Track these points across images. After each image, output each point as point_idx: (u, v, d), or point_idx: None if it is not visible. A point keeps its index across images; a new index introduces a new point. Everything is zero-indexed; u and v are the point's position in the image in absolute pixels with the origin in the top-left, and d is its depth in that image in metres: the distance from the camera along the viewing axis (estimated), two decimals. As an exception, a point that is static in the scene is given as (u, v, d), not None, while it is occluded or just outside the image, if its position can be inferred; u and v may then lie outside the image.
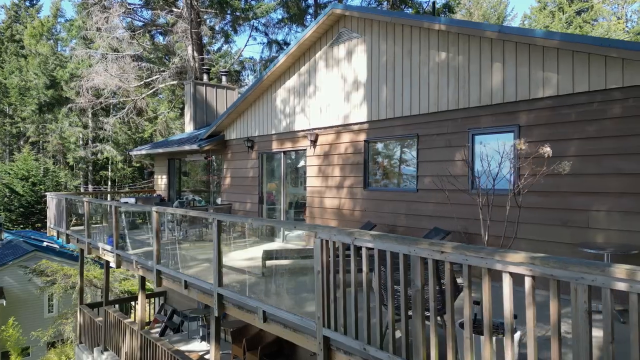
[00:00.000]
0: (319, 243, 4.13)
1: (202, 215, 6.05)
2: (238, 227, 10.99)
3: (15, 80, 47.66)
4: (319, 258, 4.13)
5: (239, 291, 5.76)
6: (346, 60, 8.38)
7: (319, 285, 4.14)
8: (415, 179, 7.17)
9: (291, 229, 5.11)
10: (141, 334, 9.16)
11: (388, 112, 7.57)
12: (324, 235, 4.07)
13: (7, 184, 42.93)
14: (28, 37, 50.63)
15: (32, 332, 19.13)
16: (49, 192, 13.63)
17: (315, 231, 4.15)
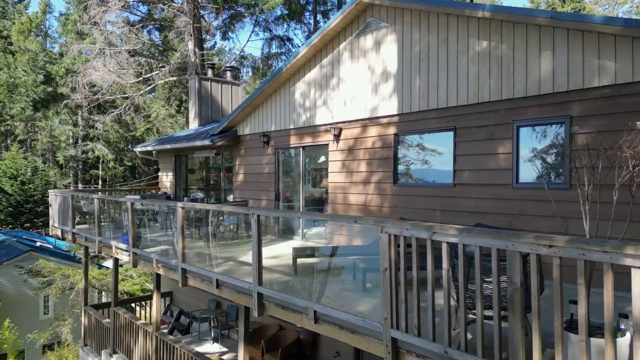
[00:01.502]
0: (385, 238, 3.83)
1: (240, 210, 5.72)
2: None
3: (4, 77, 46.57)
4: (386, 254, 3.83)
5: (281, 290, 5.43)
6: (374, 51, 8.09)
7: (386, 284, 3.84)
8: (452, 173, 6.90)
9: (351, 223, 4.77)
10: (156, 335, 8.78)
11: (421, 104, 7.29)
12: (393, 230, 3.76)
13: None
14: (16, 33, 49.49)
15: (29, 334, 18.52)
16: (51, 190, 13.15)
17: (382, 226, 3.85)
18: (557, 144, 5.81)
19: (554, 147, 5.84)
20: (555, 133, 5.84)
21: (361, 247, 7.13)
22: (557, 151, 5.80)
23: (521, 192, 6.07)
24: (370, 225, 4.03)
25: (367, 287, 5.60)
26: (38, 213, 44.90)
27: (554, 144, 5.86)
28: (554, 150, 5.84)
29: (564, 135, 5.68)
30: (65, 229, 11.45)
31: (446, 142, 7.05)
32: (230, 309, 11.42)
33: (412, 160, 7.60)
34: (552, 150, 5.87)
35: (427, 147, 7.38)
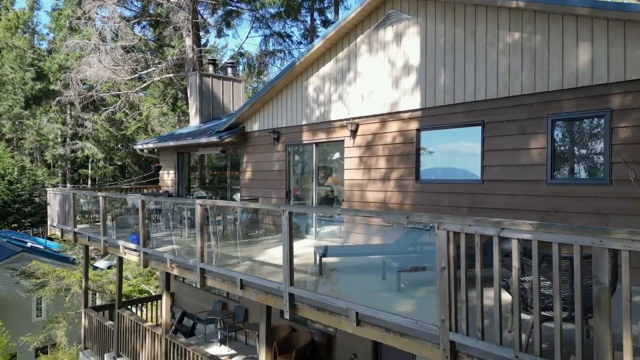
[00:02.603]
0: (443, 235, 3.59)
1: (268, 207, 5.44)
2: (265, 223, 10.37)
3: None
4: (444, 252, 3.60)
5: (314, 290, 5.16)
6: (394, 44, 7.86)
7: (444, 284, 3.60)
8: (480, 169, 6.70)
9: (402, 219, 4.52)
10: (166, 338, 8.46)
11: (447, 98, 7.08)
12: (453, 226, 3.53)
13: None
14: (2, 29, 48.41)
15: (22, 337, 17.97)
16: (49, 188, 12.71)
17: (439, 222, 3.61)
18: (596, 138, 5.63)
19: (593, 142, 5.67)
20: (593, 127, 5.66)
21: (385, 246, 6.91)
22: (596, 146, 5.62)
23: (556, 188, 5.89)
24: (425, 221, 3.79)
25: (401, 287, 5.36)
26: (26, 213, 43.99)
27: (592, 138, 5.68)
28: (593, 144, 5.66)
29: (604, 129, 5.51)
30: (66, 228, 11.03)
31: (473, 137, 6.85)
32: (237, 310, 11.12)
33: (436, 156, 7.39)
34: (590, 144, 5.70)
35: (452, 142, 7.17)
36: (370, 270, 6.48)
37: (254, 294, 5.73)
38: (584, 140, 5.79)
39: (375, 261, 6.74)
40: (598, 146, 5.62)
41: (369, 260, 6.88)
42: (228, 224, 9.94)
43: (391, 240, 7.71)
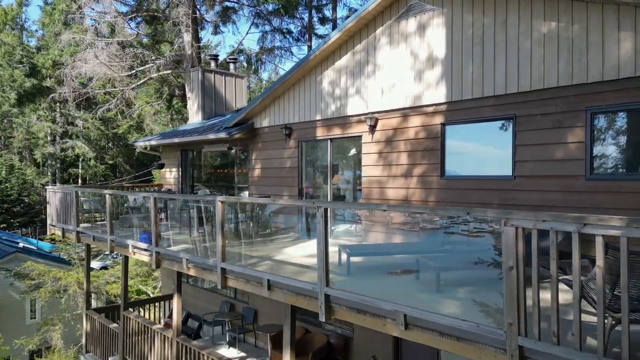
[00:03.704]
0: (511, 232, 3.33)
1: (302, 204, 5.15)
2: (278, 220, 10.05)
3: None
4: (512, 251, 3.33)
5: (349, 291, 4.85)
6: (417, 35, 7.60)
7: (512, 285, 3.34)
8: (512, 164, 6.46)
9: (463, 216, 4.23)
10: (178, 341, 8.11)
11: (475, 91, 6.83)
12: (524, 222, 3.27)
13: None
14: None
15: (16, 340, 17.43)
16: (49, 186, 12.25)
17: (507, 217, 3.35)
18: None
19: (636, 135, 5.46)
20: (636, 119, 5.45)
21: (413, 245, 6.66)
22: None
23: (596, 183, 5.67)
24: (491, 217, 3.53)
25: (440, 288, 5.09)
26: (15, 213, 43.09)
27: (635, 131, 5.47)
28: (636, 137, 5.45)
29: (650, 122, 5.30)
30: (67, 227, 10.61)
31: (503, 132, 6.61)
32: (246, 311, 10.80)
33: (462, 151, 7.14)
34: (633, 137, 5.49)
35: (480, 137, 6.93)
36: (399, 269, 6.21)
37: (282, 295, 5.43)
38: (626, 133, 5.58)
39: (402, 261, 6.49)
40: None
41: (395, 260, 6.61)
42: (239, 223, 9.61)
43: (414, 239, 7.46)
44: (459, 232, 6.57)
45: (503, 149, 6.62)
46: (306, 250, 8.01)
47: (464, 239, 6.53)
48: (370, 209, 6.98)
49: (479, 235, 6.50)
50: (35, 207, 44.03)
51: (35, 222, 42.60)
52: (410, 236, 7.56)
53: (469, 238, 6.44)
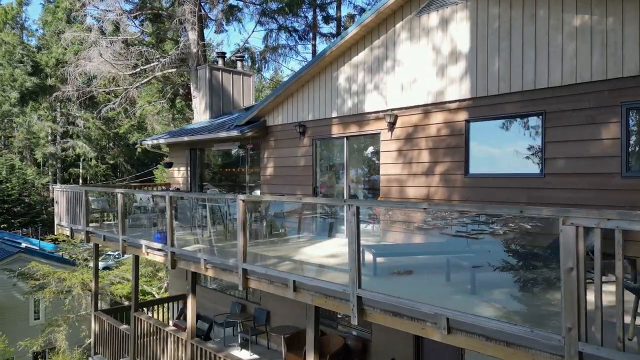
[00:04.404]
0: (571, 232, 3.14)
1: (331, 202, 4.96)
2: (291, 220, 9.86)
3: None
4: (572, 251, 3.14)
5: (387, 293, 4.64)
6: (439, 30, 7.41)
7: (572, 287, 3.14)
8: (541, 161, 6.27)
9: (514, 213, 4.03)
10: (192, 343, 7.91)
11: (501, 86, 6.64)
12: (585, 221, 3.07)
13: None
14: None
15: (20, 342, 17.20)
16: (56, 185, 12.04)
17: (566, 216, 3.15)
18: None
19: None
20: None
21: (440, 245, 6.47)
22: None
23: (632, 181, 5.48)
24: (547, 215, 3.33)
25: (475, 290, 4.90)
26: (15, 213, 42.79)
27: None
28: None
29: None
30: (76, 227, 10.40)
31: (532, 128, 6.42)
32: (258, 312, 10.60)
33: (487, 149, 6.95)
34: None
35: (506, 133, 6.73)
36: (425, 270, 6.02)
37: (309, 297, 5.23)
38: (665, 129, 5.39)
39: (427, 261, 6.30)
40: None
41: (418, 260, 6.42)
42: (255, 222, 9.42)
43: (435, 239, 7.27)
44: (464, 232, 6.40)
45: (531, 146, 6.43)
46: (324, 250, 7.82)
47: (491, 239, 6.36)
48: (407, 207, 6.72)
49: (478, 238, 6.36)
50: (35, 207, 43.75)
51: (36, 222, 42.32)
52: (432, 236, 7.37)
53: (491, 238, 6.28)
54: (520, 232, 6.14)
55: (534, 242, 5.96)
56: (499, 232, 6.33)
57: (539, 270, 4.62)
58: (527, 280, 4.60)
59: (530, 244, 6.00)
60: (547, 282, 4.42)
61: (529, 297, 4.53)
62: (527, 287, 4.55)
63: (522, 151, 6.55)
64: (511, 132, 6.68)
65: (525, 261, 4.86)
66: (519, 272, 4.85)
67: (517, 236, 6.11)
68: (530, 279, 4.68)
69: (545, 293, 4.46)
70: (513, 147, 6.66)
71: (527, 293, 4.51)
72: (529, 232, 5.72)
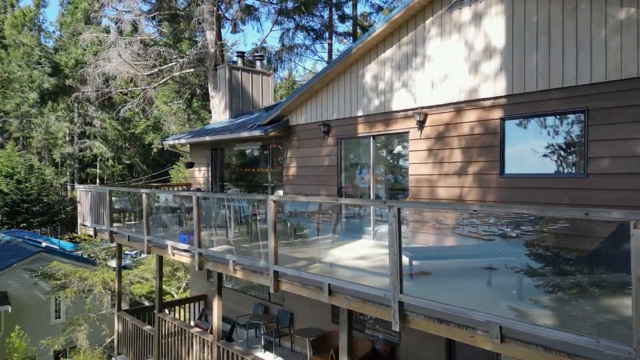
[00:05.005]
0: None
1: (371, 203, 4.79)
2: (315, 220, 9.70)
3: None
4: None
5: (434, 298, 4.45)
6: (472, 25, 7.18)
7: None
8: (584, 161, 6.02)
9: (578, 216, 3.79)
10: (218, 345, 7.81)
11: (540, 83, 6.40)
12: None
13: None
14: (8, 27, 47.84)
15: (42, 340, 17.37)
16: (80, 185, 12.06)
17: (637, 219, 2.94)
18: None
19: None
20: None
21: (476, 247, 6.25)
22: None
23: (685, 181, 5.21)
24: (616, 218, 3.12)
25: (522, 296, 4.68)
26: (34, 213, 43.33)
27: None
28: None
29: None
30: (100, 227, 10.39)
31: (573, 126, 6.17)
32: (282, 314, 10.48)
33: (524, 148, 6.70)
34: None
35: (545, 132, 6.49)
36: (463, 274, 5.81)
37: (345, 301, 5.07)
38: None
39: (463, 264, 6.09)
40: None
41: (455, 264, 6.21)
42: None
43: (470, 241, 7.05)
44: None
45: (573, 145, 6.18)
46: (353, 252, 7.66)
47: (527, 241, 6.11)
48: (455, 209, 6.48)
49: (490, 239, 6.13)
50: (54, 207, 44.28)
51: (55, 221, 42.83)
52: (466, 238, 7.15)
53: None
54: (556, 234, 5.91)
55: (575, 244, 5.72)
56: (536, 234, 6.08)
57: (590, 276, 4.39)
58: (576, 286, 4.38)
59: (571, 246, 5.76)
60: (600, 287, 4.19)
61: (581, 304, 4.31)
62: (578, 294, 4.33)
63: (563, 150, 6.30)
64: (550, 131, 6.43)
65: (575, 266, 4.63)
66: (567, 278, 4.63)
67: (557, 239, 5.86)
68: (579, 284, 4.45)
69: (599, 300, 4.23)
70: (552, 146, 6.41)
71: (579, 300, 4.29)
72: (563, 234, 5.48)
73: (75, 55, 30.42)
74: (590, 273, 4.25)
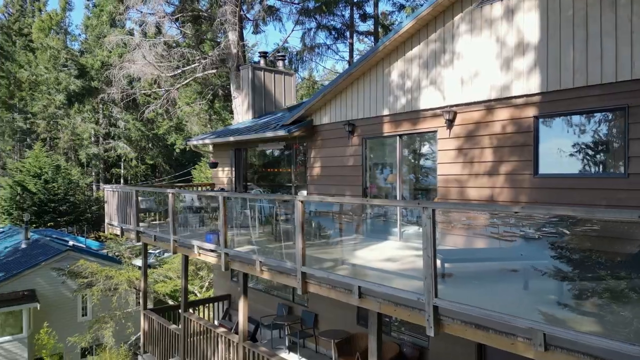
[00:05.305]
0: None
1: (404, 204, 4.67)
2: (340, 221, 9.61)
3: (25, 74, 46.18)
4: None
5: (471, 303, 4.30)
6: (504, 20, 6.97)
7: None
8: (624, 161, 5.77)
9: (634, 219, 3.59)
10: (244, 346, 7.77)
11: (576, 79, 6.16)
12: None
13: (20, 181, 41.32)
14: (36, 30, 49.12)
15: (69, 337, 17.72)
16: (106, 185, 12.24)
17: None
18: None
19: None
20: None
21: (510, 250, 6.06)
22: None
23: None
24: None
25: (563, 300, 4.49)
26: (62, 212, 44.35)
27: None
28: None
29: None
30: (126, 227, 10.50)
31: (612, 124, 5.92)
32: (306, 315, 10.41)
33: (560, 147, 6.46)
34: None
35: (581, 130, 6.24)
36: (496, 277, 5.63)
37: (376, 304, 4.96)
38: None
39: (497, 267, 5.90)
40: None
41: (489, 266, 6.03)
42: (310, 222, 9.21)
43: (503, 243, 6.84)
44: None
45: (612, 143, 5.93)
46: (379, 253, 7.53)
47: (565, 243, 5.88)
48: (494, 211, 6.23)
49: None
50: (80, 207, 45.23)
51: (81, 220, 43.75)
52: (499, 240, 6.94)
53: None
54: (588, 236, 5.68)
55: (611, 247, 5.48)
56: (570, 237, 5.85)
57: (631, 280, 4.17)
58: (621, 292, 4.17)
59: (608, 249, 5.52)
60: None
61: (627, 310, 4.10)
62: (622, 300, 4.12)
63: (600, 149, 6.05)
64: (587, 129, 6.19)
65: (616, 270, 4.42)
66: (607, 282, 4.42)
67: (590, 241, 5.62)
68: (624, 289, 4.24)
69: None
70: (589, 146, 6.17)
71: (625, 306, 4.08)
72: (597, 237, 5.24)
73: (101, 58, 31.02)
74: (632, 277, 4.04)
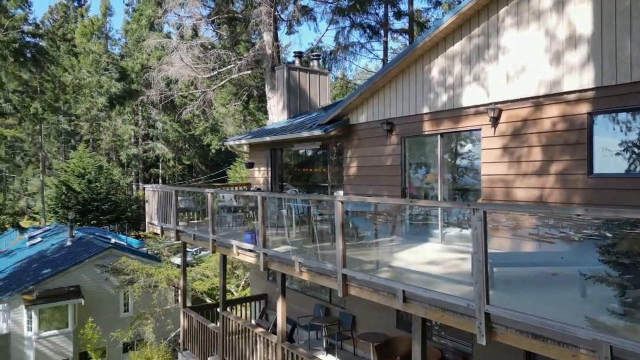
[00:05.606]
0: None
1: (449, 205, 4.49)
2: (377, 222, 9.45)
3: (69, 78, 48.10)
4: None
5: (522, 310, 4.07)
6: (553, 12, 6.62)
7: None
8: (690, 159, 5.36)
9: None
10: (283, 347, 7.73)
11: (635, 73, 5.76)
12: None
13: (65, 181, 43.12)
14: (79, 35, 51.09)
15: (112, 332, 18.30)
16: (147, 185, 12.53)
17: None
18: None
19: None
20: None
21: (563, 255, 5.74)
22: None
23: None
24: None
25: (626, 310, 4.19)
26: (104, 211, 45.99)
27: None
28: None
29: None
30: (166, 226, 10.69)
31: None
32: (343, 316, 10.29)
33: (617, 145, 6.08)
34: None
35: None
36: (543, 282, 5.34)
37: (422, 309, 4.78)
38: None
39: (549, 272, 5.60)
40: None
41: (540, 271, 5.73)
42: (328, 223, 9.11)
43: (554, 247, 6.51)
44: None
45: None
46: (420, 256, 7.32)
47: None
48: (552, 213, 5.93)
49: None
50: (121, 205, 46.75)
51: (122, 219, 45.20)
52: (545, 243, 6.61)
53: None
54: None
55: None
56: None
57: None
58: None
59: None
60: None
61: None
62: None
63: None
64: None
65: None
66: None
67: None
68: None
69: None
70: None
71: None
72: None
73: (140, 61, 31.94)
74: None
